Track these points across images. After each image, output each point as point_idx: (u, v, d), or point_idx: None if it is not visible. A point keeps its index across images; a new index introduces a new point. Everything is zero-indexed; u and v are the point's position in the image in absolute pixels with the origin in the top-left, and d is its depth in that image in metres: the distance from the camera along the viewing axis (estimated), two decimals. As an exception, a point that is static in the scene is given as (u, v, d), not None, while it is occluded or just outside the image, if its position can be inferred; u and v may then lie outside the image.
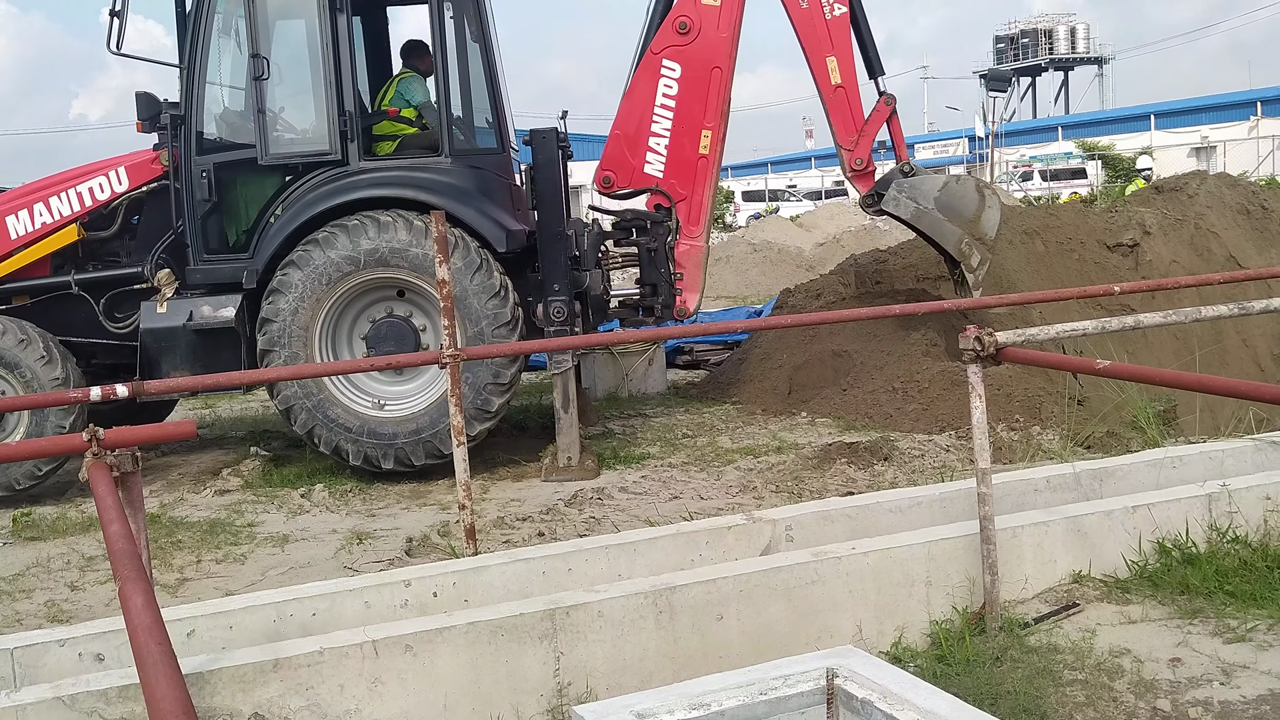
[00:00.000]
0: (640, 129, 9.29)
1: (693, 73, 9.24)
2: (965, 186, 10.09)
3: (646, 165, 9.29)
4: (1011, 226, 11.92)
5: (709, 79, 9.27)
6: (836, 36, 9.44)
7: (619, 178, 9.37)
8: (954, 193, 9.81)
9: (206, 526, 7.36)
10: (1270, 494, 5.41)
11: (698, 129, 9.26)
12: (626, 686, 4.12)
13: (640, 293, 9.50)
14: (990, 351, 4.66)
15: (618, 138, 9.40)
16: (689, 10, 9.25)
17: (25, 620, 5.77)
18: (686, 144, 9.27)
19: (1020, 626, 4.69)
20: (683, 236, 9.37)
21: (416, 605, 4.71)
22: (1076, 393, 9.00)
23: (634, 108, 9.34)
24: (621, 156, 9.35)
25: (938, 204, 9.65)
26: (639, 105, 9.31)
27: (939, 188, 9.81)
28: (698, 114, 9.26)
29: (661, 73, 9.24)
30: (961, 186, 10.03)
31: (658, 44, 9.32)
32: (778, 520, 5.37)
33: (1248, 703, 4.02)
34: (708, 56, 9.26)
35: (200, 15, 8.38)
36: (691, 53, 9.23)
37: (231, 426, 11.10)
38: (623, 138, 9.37)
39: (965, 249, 9.69)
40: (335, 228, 8.10)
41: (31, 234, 8.63)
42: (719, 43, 9.27)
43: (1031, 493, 5.78)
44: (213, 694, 3.81)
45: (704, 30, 9.24)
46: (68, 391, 7.69)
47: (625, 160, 9.33)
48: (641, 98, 9.29)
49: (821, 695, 3.45)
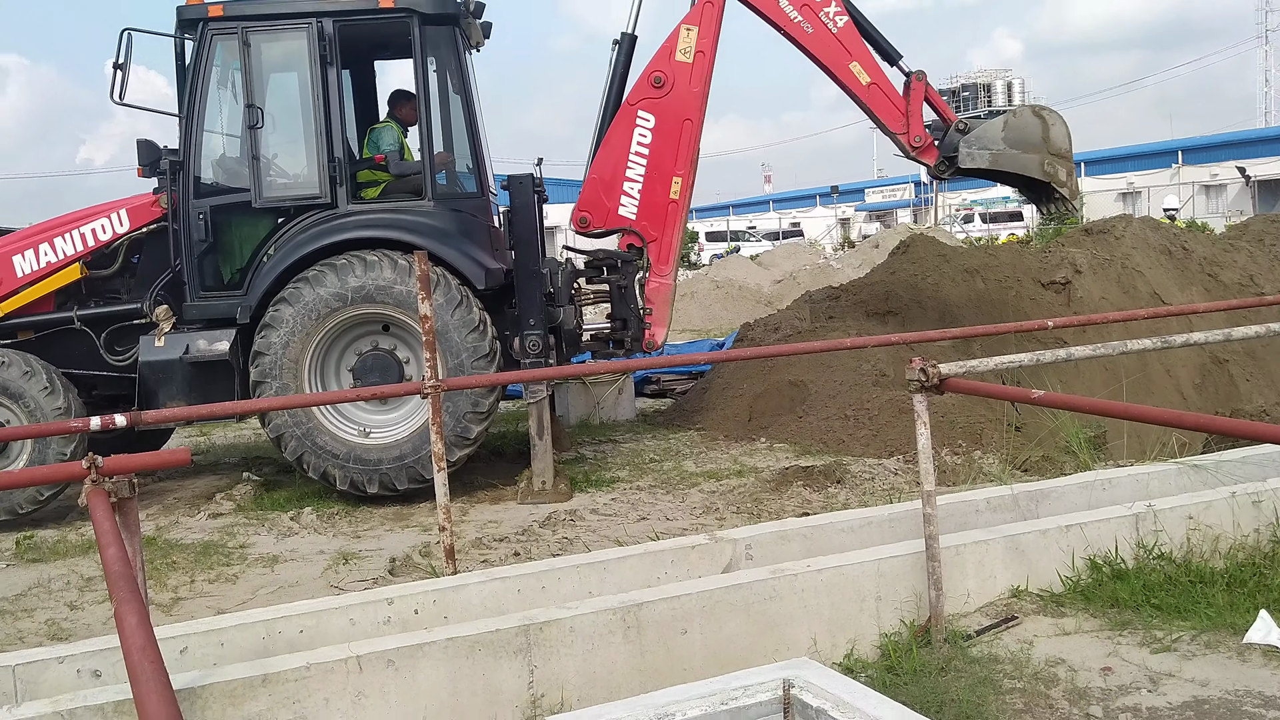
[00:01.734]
0: (616, 174, 9.31)
1: (666, 124, 9.28)
2: (1023, 117, 9.94)
3: (621, 208, 9.30)
4: (954, 265, 12.04)
5: (680, 130, 9.31)
6: (850, 43, 9.45)
7: (594, 218, 9.38)
8: (1016, 127, 9.76)
9: (200, 548, 7.29)
10: (1193, 513, 5.44)
11: (669, 175, 9.29)
12: (596, 698, 4.10)
13: (611, 327, 9.54)
14: (935, 382, 4.68)
15: (594, 181, 9.40)
16: (664, 66, 9.30)
17: (26, 638, 5.69)
18: (658, 189, 9.29)
19: (963, 638, 4.69)
20: (653, 275, 9.39)
21: (399, 622, 4.68)
22: (1014, 420, 9.05)
23: (610, 154, 9.36)
24: (598, 199, 9.36)
25: (1007, 142, 9.65)
26: (615, 152, 9.33)
27: (1002, 128, 9.75)
28: (669, 162, 9.30)
29: (636, 123, 9.27)
30: (1020, 119, 9.90)
31: (633, 96, 9.36)
32: (738, 540, 5.37)
33: (1174, 709, 4.04)
34: (680, 109, 9.30)
35: (199, 68, 8.38)
36: (665, 105, 9.28)
37: (225, 453, 11.00)
38: (599, 181, 9.38)
39: (1050, 169, 9.71)
40: (324, 266, 8.10)
41: (37, 272, 8.61)
42: (690, 97, 9.31)
43: (973, 513, 5.81)
44: (205, 708, 3.77)
45: (677, 85, 9.28)
46: (69, 421, 7.63)
47: (601, 202, 9.34)
48: (618, 145, 9.32)
49: (778, 704, 3.44)
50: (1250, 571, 5.13)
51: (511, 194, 8.75)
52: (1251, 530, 5.50)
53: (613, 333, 9.48)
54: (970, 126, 9.89)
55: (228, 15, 8.34)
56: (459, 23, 8.69)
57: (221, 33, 8.37)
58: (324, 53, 8.33)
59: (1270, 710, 3.98)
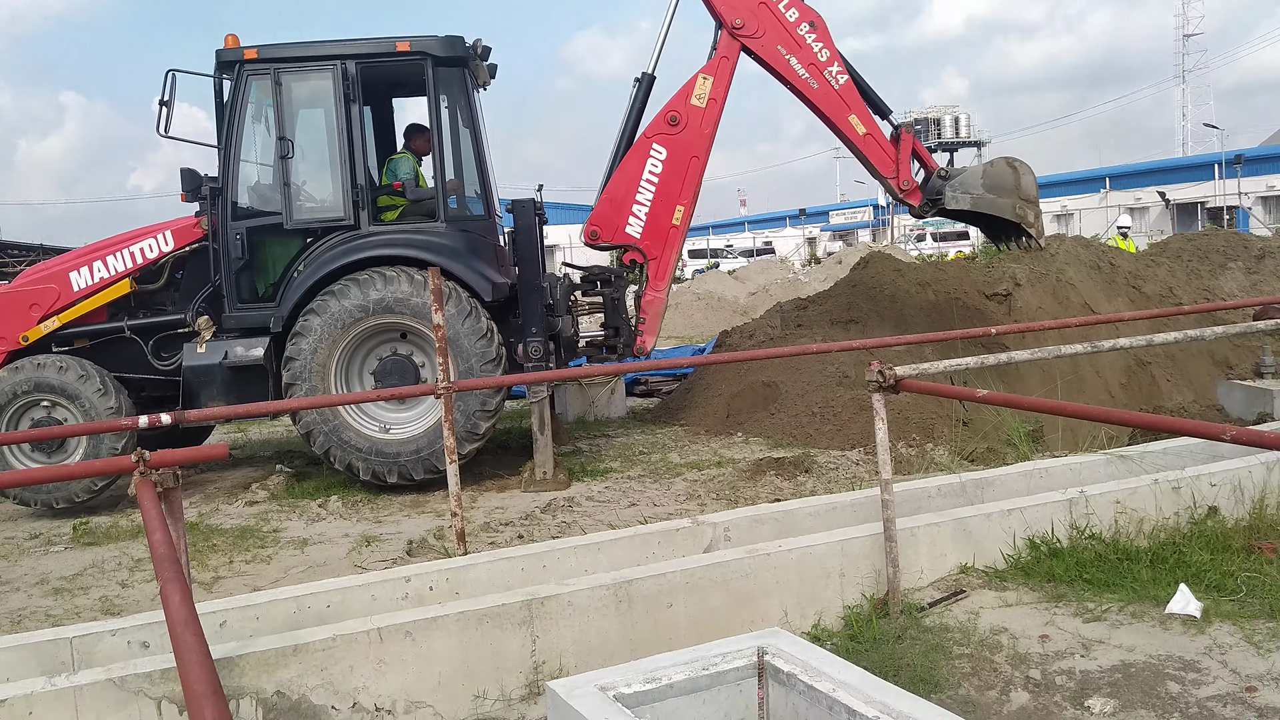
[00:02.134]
0: (627, 196, 9.30)
1: (675, 158, 9.29)
2: (998, 167, 10.04)
3: (628, 226, 9.30)
4: (908, 278, 12.06)
5: (688, 165, 9.33)
6: (849, 98, 9.50)
7: (604, 233, 9.38)
8: (992, 175, 9.88)
9: (238, 532, 7.27)
10: (1119, 498, 5.45)
11: (674, 203, 9.31)
12: (592, 664, 4.09)
13: (604, 334, 9.54)
14: (891, 383, 4.70)
15: (607, 200, 9.39)
16: (680, 108, 9.32)
17: (82, 613, 5.67)
18: (663, 214, 9.30)
19: (917, 610, 4.70)
20: (649, 288, 9.41)
21: (415, 598, 4.67)
22: (962, 416, 9.07)
23: (624, 179, 9.35)
24: (609, 216, 9.35)
25: (985, 188, 9.76)
26: (628, 177, 9.33)
27: (981, 176, 9.88)
28: (675, 191, 9.30)
29: (650, 153, 9.28)
30: (995, 168, 10.01)
31: (650, 130, 9.37)
32: (717, 523, 5.37)
33: (1104, 671, 4.05)
34: (689, 147, 9.32)
35: (235, 104, 8.37)
36: (677, 142, 9.29)
37: (260, 447, 10.97)
38: (611, 201, 9.37)
39: (1020, 211, 9.81)
40: (348, 281, 8.09)
41: (91, 287, 8.58)
42: (700, 137, 9.35)
43: (926, 499, 5.81)
44: (241, 675, 3.76)
45: (689, 125, 9.31)
46: (120, 419, 7.61)
47: (611, 220, 9.33)
48: (631, 171, 9.32)
49: (753, 669, 3.44)
50: (1171, 550, 5.14)
51: (515, 216, 8.76)
52: (1172, 513, 5.52)
53: (606, 339, 9.49)
54: (951, 173, 9.99)
55: (261, 58, 8.34)
56: (468, 65, 8.69)
57: (256, 73, 8.36)
58: (347, 91, 8.32)
59: (1189, 673, 3.99)
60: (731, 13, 9.30)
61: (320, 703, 3.85)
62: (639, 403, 12.71)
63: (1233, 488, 5.67)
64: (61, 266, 8.77)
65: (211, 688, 1.69)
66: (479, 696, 4.07)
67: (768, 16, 9.32)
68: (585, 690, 3.23)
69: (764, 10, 9.32)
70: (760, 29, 9.31)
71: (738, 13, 9.29)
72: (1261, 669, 3.97)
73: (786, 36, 9.34)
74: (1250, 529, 5.44)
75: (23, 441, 8.16)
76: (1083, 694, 3.86)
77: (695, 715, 3.35)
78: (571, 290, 9.43)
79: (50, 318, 8.50)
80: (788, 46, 9.35)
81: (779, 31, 9.34)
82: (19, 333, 8.45)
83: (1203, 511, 5.56)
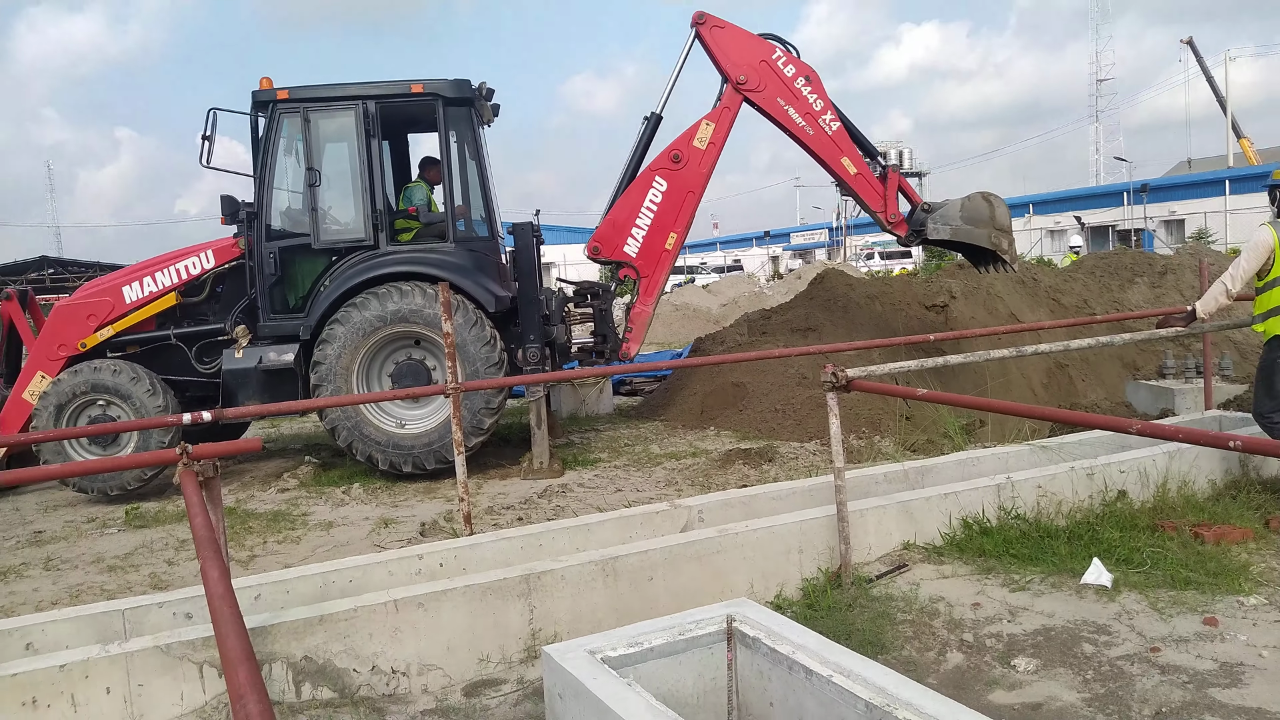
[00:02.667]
0: (628, 220, 9.31)
1: (674, 192, 9.31)
2: (975, 201, 9.95)
3: (626, 246, 9.30)
4: (858, 292, 12.09)
5: (684, 199, 9.35)
6: (841, 141, 9.49)
7: (604, 250, 9.38)
8: (970, 207, 9.81)
9: (271, 516, 7.22)
10: (1041, 483, 5.49)
11: (668, 231, 9.32)
12: (582, 630, 4.08)
13: (594, 341, 9.54)
14: (843, 383, 4.71)
15: (611, 221, 9.39)
16: (683, 148, 9.35)
17: (133, 588, 5.62)
18: (657, 239, 9.31)
19: (866, 582, 4.71)
20: (639, 303, 9.42)
21: (427, 573, 4.65)
22: (905, 412, 9.10)
23: (627, 204, 9.36)
24: (610, 236, 9.35)
25: (963, 219, 9.69)
26: (631, 203, 9.34)
27: (959, 209, 9.80)
28: (670, 220, 9.32)
29: (653, 185, 9.30)
30: (973, 202, 9.92)
31: (655, 164, 9.39)
32: (693, 506, 5.37)
33: (1028, 635, 4.07)
34: (687, 183, 9.34)
35: (269, 138, 8.33)
36: (677, 177, 9.31)
37: (290, 441, 10.90)
38: (614, 223, 9.37)
39: (995, 240, 9.75)
40: (369, 294, 8.05)
41: (142, 299, 8.53)
42: (698, 176, 9.37)
43: (874, 484, 5.83)
44: (273, 642, 3.73)
45: (689, 164, 9.33)
46: (166, 417, 7.55)
47: (612, 239, 9.34)
48: (634, 199, 9.33)
49: (723, 635, 3.44)
50: (1085, 528, 5.18)
51: (515, 238, 8.74)
52: (1086, 496, 5.56)
53: (595, 345, 9.49)
54: (933, 207, 9.98)
55: (293, 98, 8.30)
56: (474, 104, 8.67)
57: (287, 111, 8.32)
58: (368, 127, 8.29)
59: (1101, 635, 4.01)
60: (736, 70, 9.35)
61: (343, 666, 3.82)
62: (624, 401, 12.70)
63: (1139, 474, 5.71)
64: (115, 281, 8.70)
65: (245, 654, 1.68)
66: (483, 660, 4.06)
67: (768, 73, 9.37)
68: (576, 654, 3.22)
69: (765, 68, 9.37)
70: (762, 84, 9.36)
71: (742, 70, 9.34)
72: (1164, 632, 4.00)
73: (785, 90, 9.39)
74: (1154, 510, 5.49)
75: (81, 436, 8.08)
76: (1009, 655, 3.88)
77: (673, 675, 3.35)
78: (565, 303, 9.42)
79: (105, 327, 8.45)
80: (786, 99, 9.39)
81: (778, 86, 9.38)
82: (78, 340, 8.40)
83: (1113, 495, 5.60)
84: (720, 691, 3.42)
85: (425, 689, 3.91)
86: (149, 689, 3.58)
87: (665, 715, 2.74)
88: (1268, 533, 5.19)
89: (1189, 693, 3.47)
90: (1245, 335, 11.33)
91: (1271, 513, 5.45)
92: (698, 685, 3.39)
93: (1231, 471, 6.08)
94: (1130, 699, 3.45)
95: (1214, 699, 3.41)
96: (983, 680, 3.70)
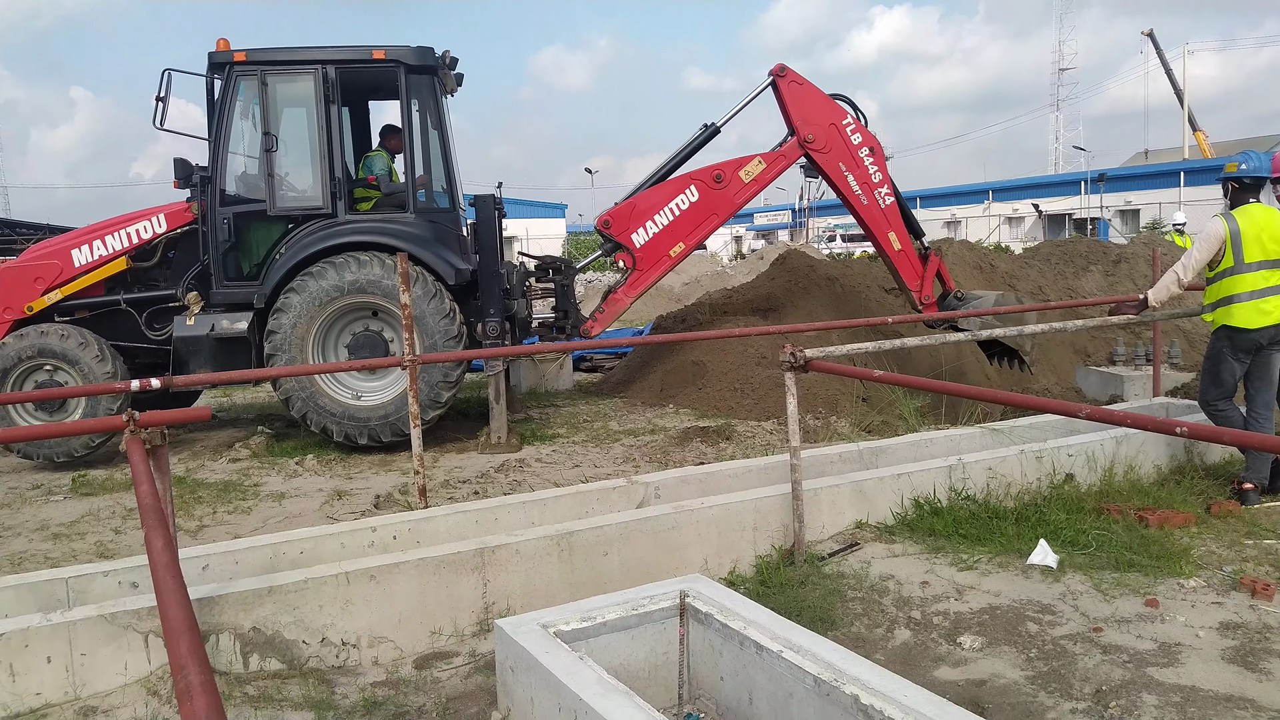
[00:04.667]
0: (648, 211, 9.28)
1: (701, 206, 9.31)
2: (1007, 300, 10.08)
3: (635, 234, 9.27)
4: (819, 273, 12.16)
5: (707, 218, 9.37)
6: (891, 217, 9.56)
7: (614, 227, 9.31)
8: (1001, 303, 9.82)
9: (221, 486, 7.11)
10: (991, 465, 5.57)
11: (679, 238, 9.32)
12: (536, 604, 4.08)
13: (555, 316, 9.49)
14: (801, 363, 4.73)
15: (632, 205, 9.35)
16: (729, 172, 9.37)
17: (78, 556, 5.51)
18: (666, 241, 9.30)
19: (818, 560, 4.76)
20: (622, 290, 9.40)
21: (381, 545, 4.62)
22: (861, 393, 9.18)
23: (654, 196, 9.34)
24: (625, 218, 9.30)
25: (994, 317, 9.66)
26: (658, 197, 9.32)
27: (993, 303, 9.80)
28: (685, 230, 9.31)
29: (685, 191, 9.30)
30: (1004, 300, 10.01)
31: (697, 174, 9.39)
32: (649, 483, 5.38)
33: (974, 613, 4.14)
34: (716, 205, 9.37)
35: (225, 102, 8.14)
36: (710, 195, 9.32)
37: (243, 410, 10.74)
38: (635, 207, 9.33)
39: (1020, 341, 9.89)
40: (326, 264, 7.93)
41: (91, 263, 8.34)
42: (729, 204, 9.41)
43: (829, 464, 5.88)
44: (221, 613, 3.68)
45: (727, 189, 9.36)
46: (115, 383, 7.40)
47: (625, 222, 9.28)
48: (663, 194, 9.32)
49: (676, 610, 3.46)
50: (1033, 510, 5.27)
51: (477, 210, 8.65)
52: (1035, 479, 5.66)
53: (556, 321, 9.45)
54: (965, 296, 10.05)
55: (250, 60, 8.11)
56: (437, 73, 8.53)
57: (245, 74, 8.13)
58: (328, 93, 8.13)
59: (1046, 615, 4.10)
60: (805, 127, 9.40)
61: (292, 638, 3.79)
62: (584, 377, 12.68)
63: (1087, 458, 5.83)
64: (64, 244, 8.48)
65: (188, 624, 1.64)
66: (435, 633, 4.04)
67: (836, 137, 9.43)
68: (529, 627, 3.22)
69: (834, 131, 9.43)
70: (828, 146, 9.43)
71: (811, 129, 9.40)
72: (1106, 612, 4.09)
73: (849, 157, 9.46)
74: (1100, 493, 5.61)
75: (27, 401, 7.89)
76: (956, 632, 3.95)
77: (625, 650, 3.36)
78: (526, 277, 9.35)
79: (53, 290, 8.25)
80: (848, 165, 9.46)
81: (843, 152, 9.45)
82: (24, 303, 8.18)
83: (1061, 478, 5.71)
84: (672, 666, 3.45)
85: (376, 661, 3.89)
86: (92, 658, 3.52)
87: (616, 689, 2.75)
88: (1209, 518, 5.33)
89: (1129, 671, 3.56)
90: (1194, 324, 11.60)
91: (1213, 498, 5.60)
92: (650, 659, 3.41)
93: (1177, 457, 6.23)
94: (1072, 677, 3.53)
95: (1152, 678, 3.50)
96: (929, 657, 3.76)
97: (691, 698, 3.44)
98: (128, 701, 3.49)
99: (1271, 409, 5.83)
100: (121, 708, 3.46)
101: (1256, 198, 5.77)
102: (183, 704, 1.37)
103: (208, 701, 1.35)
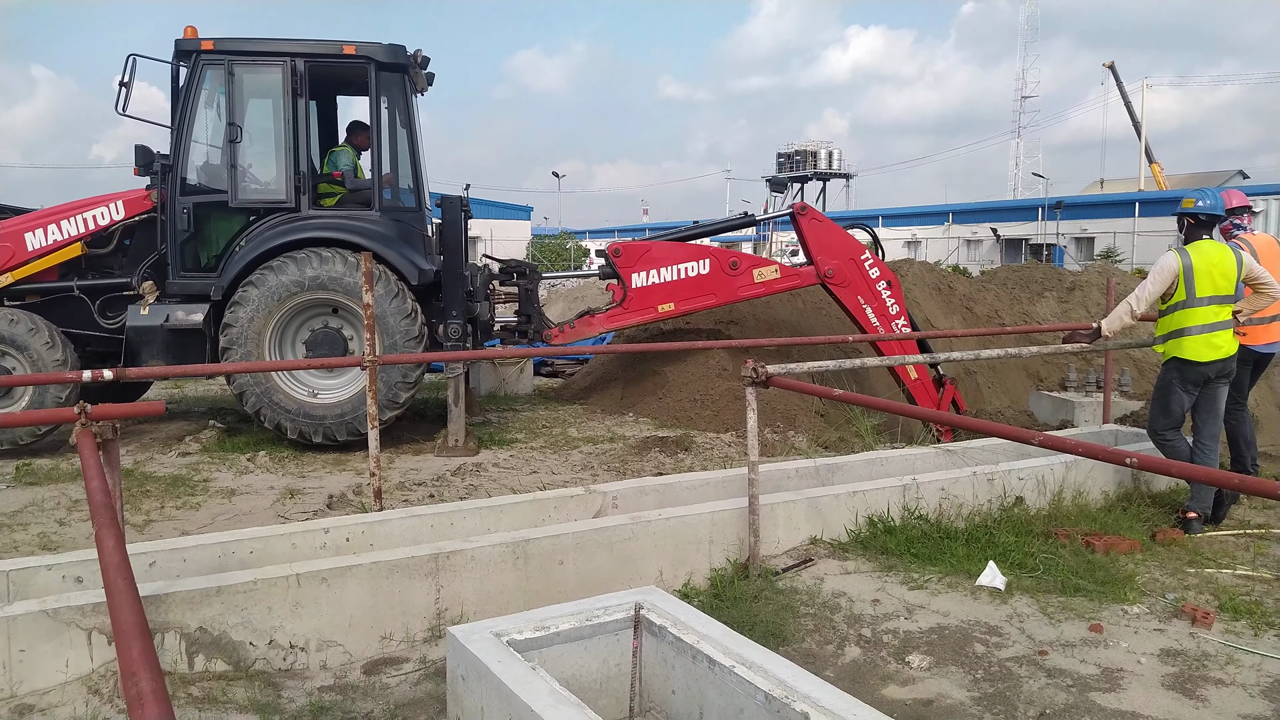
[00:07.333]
0: (659, 261, 9.40)
1: (705, 281, 9.43)
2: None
3: (636, 274, 9.37)
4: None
5: (705, 294, 9.48)
6: (908, 348, 9.60)
7: (622, 258, 9.40)
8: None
9: (170, 480, 6.97)
10: (944, 486, 5.64)
11: (671, 298, 9.42)
12: (489, 612, 4.06)
13: (517, 321, 9.46)
14: (763, 378, 4.77)
15: (648, 247, 9.53)
16: (745, 265, 9.56)
17: (20, 548, 5.36)
18: (658, 296, 9.40)
19: (773, 574, 4.78)
20: (600, 318, 9.44)
21: (333, 547, 4.56)
22: (820, 409, 9.27)
23: (671, 251, 9.50)
24: (636, 256, 9.42)
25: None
26: (674, 253, 9.47)
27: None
28: (680, 294, 9.43)
29: (699, 261, 9.43)
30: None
31: (717, 251, 9.62)
32: (607, 492, 5.38)
33: (923, 632, 4.20)
34: (718, 288, 9.47)
35: (190, 89, 8.02)
36: (718, 276, 9.44)
37: (195, 404, 10.55)
38: (649, 251, 9.48)
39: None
40: (287, 258, 7.83)
41: (45, 248, 8.18)
42: (731, 292, 9.52)
43: (786, 479, 5.92)
44: (168, 611, 3.61)
45: (736, 280, 9.48)
46: (65, 373, 7.25)
47: (635, 259, 9.41)
48: (679, 253, 9.48)
49: (630, 621, 3.46)
50: (983, 531, 5.36)
51: (443, 211, 8.60)
52: (986, 500, 5.75)
53: (518, 325, 9.42)
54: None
55: (217, 49, 8.00)
56: (408, 71, 8.48)
57: (211, 63, 8.01)
58: (295, 86, 8.05)
59: (993, 636, 4.16)
60: (826, 263, 9.55)
61: (239, 639, 3.72)
62: (545, 382, 12.64)
63: (1037, 481, 5.94)
64: (17, 226, 8.27)
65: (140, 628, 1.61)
66: (386, 638, 4.00)
67: (855, 272, 9.57)
68: (482, 635, 3.20)
69: (853, 266, 9.57)
70: (847, 281, 9.58)
71: (830, 264, 9.55)
72: (1052, 636, 4.17)
73: (867, 290, 9.59)
74: (1049, 517, 5.71)
75: (-32, 386, 7.69)
76: (904, 650, 4.00)
77: (578, 661, 3.36)
78: (490, 280, 9.32)
79: (4, 274, 8.06)
80: (866, 298, 9.60)
81: (862, 285, 9.59)
82: (-29, 286, 7.97)
83: (1011, 500, 5.81)
84: (624, 678, 3.45)
85: (324, 665, 3.84)
86: (31, 655, 3.43)
87: (567, 700, 2.75)
88: (1154, 545, 5.45)
89: (1072, 695, 3.63)
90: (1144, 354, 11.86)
91: (1158, 526, 5.74)
92: (602, 671, 3.41)
93: (1124, 484, 6.37)
94: (1017, 699, 3.59)
95: (1094, 702, 3.57)
96: (878, 675, 3.80)
97: (643, 710, 3.44)
98: (67, 700, 3.40)
99: (1217, 441, 5.98)
100: (60, 706, 3.38)
101: (1210, 234, 5.93)
102: (133, 711, 1.35)
103: (159, 710, 1.33)
